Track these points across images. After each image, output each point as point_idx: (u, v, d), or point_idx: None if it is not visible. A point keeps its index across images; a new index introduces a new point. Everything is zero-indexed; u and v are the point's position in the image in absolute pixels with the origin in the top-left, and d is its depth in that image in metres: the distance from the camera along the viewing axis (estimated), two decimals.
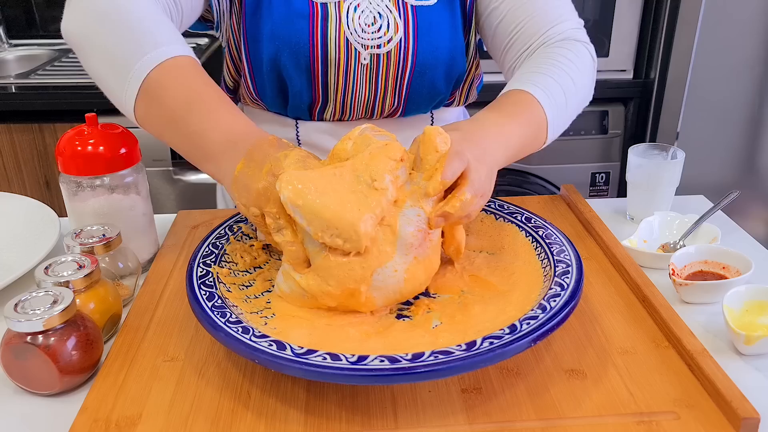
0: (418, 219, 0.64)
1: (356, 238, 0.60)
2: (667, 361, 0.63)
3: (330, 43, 0.88)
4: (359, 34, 0.88)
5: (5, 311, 0.60)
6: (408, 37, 0.89)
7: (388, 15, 0.88)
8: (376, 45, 0.89)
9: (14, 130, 1.73)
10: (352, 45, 0.88)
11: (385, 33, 0.88)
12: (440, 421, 0.57)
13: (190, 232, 0.90)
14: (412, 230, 0.63)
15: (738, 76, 1.73)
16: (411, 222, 0.63)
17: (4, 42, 2.10)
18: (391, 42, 0.88)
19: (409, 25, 0.89)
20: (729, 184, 1.77)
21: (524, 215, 0.78)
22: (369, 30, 0.88)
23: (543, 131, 0.79)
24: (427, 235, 0.64)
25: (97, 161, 0.76)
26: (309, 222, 0.61)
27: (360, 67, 0.90)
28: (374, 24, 0.88)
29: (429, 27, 0.90)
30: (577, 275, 0.65)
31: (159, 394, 0.60)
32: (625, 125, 1.87)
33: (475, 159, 0.66)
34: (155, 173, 1.79)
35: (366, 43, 0.88)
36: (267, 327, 0.63)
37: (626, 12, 1.76)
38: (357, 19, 0.88)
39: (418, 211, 0.64)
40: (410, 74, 0.91)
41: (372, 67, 0.90)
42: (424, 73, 0.91)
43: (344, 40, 0.88)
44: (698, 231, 0.87)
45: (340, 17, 0.87)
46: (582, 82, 0.84)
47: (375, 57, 0.89)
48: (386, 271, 0.63)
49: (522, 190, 1.86)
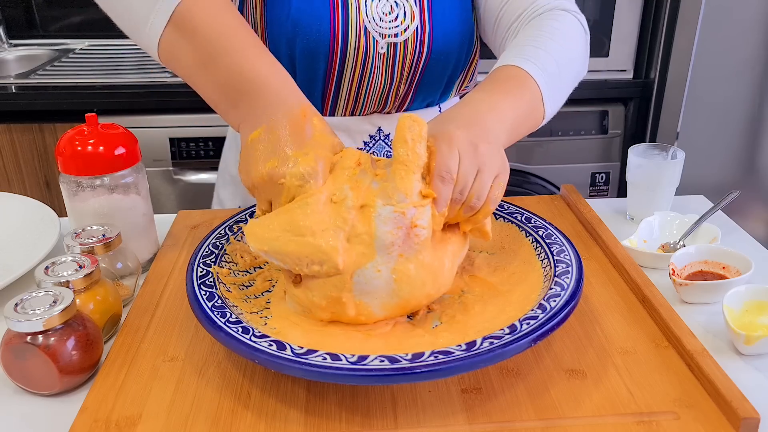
0: (394, 216, 0.60)
1: (328, 259, 0.60)
2: (667, 361, 0.63)
3: (351, 32, 0.87)
4: (377, 22, 0.88)
5: (5, 311, 0.60)
6: (424, 25, 0.89)
7: (404, 3, 0.89)
8: (393, 34, 0.89)
9: (14, 130, 1.73)
10: (371, 34, 0.88)
11: (402, 22, 0.89)
12: (440, 421, 0.57)
13: (190, 232, 0.90)
14: (389, 229, 0.60)
15: (738, 76, 1.73)
16: (387, 221, 0.60)
17: (4, 42, 2.10)
18: (407, 31, 0.89)
19: (425, 13, 0.89)
20: (729, 184, 1.77)
21: (524, 215, 0.78)
22: (387, 19, 0.88)
23: (539, 106, 0.76)
24: (410, 231, 0.61)
25: (97, 161, 0.76)
26: (283, 261, 0.62)
27: (377, 56, 0.89)
28: (392, 13, 0.88)
29: (443, 13, 0.90)
30: (577, 275, 0.65)
31: (159, 394, 0.60)
32: (625, 125, 1.87)
33: (468, 142, 0.63)
34: (155, 173, 1.79)
35: (384, 32, 0.88)
36: (267, 327, 0.63)
37: (626, 12, 1.76)
38: (375, 8, 0.88)
39: (393, 208, 0.60)
40: (425, 62, 0.91)
41: (389, 56, 0.90)
42: (438, 60, 0.91)
43: (363, 28, 0.88)
44: (698, 231, 0.87)
45: (359, 6, 0.87)
46: (574, 52, 0.82)
47: (392, 46, 0.89)
48: (367, 272, 0.61)
49: (522, 190, 1.86)
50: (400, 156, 0.61)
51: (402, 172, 0.61)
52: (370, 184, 0.62)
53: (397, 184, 0.60)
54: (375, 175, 0.63)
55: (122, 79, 1.76)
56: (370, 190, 0.61)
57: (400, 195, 0.60)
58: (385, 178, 0.62)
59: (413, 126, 0.61)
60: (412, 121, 0.61)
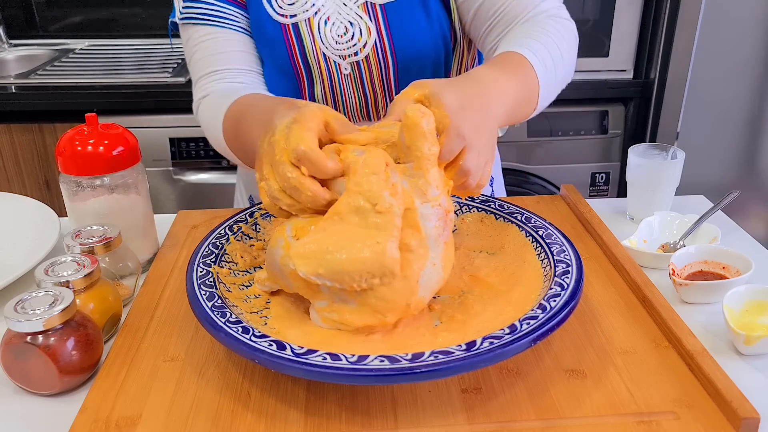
0: (434, 210, 0.61)
1: (390, 272, 0.59)
2: (667, 361, 0.63)
3: (310, 61, 0.90)
4: (334, 46, 0.89)
5: (5, 311, 0.60)
6: (382, 38, 0.89)
7: (358, 21, 0.89)
8: (353, 53, 0.89)
9: (14, 130, 1.73)
10: (330, 58, 0.90)
11: (358, 39, 0.89)
12: (440, 421, 0.57)
13: (190, 232, 0.90)
14: (434, 224, 0.62)
15: (738, 76, 1.73)
16: (430, 217, 0.61)
17: (4, 42, 2.10)
18: (366, 46, 0.89)
19: (381, 26, 0.89)
20: (729, 184, 1.77)
21: (524, 215, 0.78)
22: (342, 41, 0.89)
23: (535, 94, 0.77)
24: (446, 216, 0.62)
25: (97, 161, 0.76)
26: (339, 281, 0.59)
27: (343, 77, 0.91)
28: (346, 33, 0.89)
29: (401, 22, 0.89)
30: (577, 275, 0.65)
31: (159, 394, 0.60)
32: (625, 125, 1.87)
33: (474, 129, 0.63)
34: (155, 173, 1.79)
35: (343, 54, 0.90)
36: (267, 327, 0.63)
37: (626, 12, 1.76)
38: (329, 33, 0.89)
39: (431, 204, 0.61)
40: (395, 73, 0.91)
41: (355, 75, 0.91)
42: (409, 68, 0.91)
43: (321, 54, 0.89)
44: (698, 231, 0.87)
45: (312, 33, 0.89)
46: (568, 53, 0.84)
47: (356, 65, 0.90)
48: (427, 270, 0.62)
49: (522, 190, 1.86)
50: (422, 152, 0.60)
51: (428, 166, 0.61)
52: (401, 183, 0.61)
53: (427, 179, 0.61)
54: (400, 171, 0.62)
55: (122, 79, 1.76)
56: (405, 191, 0.61)
57: (432, 189, 0.61)
58: (409, 173, 0.61)
59: (427, 118, 0.60)
60: (422, 113, 0.60)
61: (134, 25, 2.16)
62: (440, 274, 0.63)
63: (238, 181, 1.14)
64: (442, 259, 0.63)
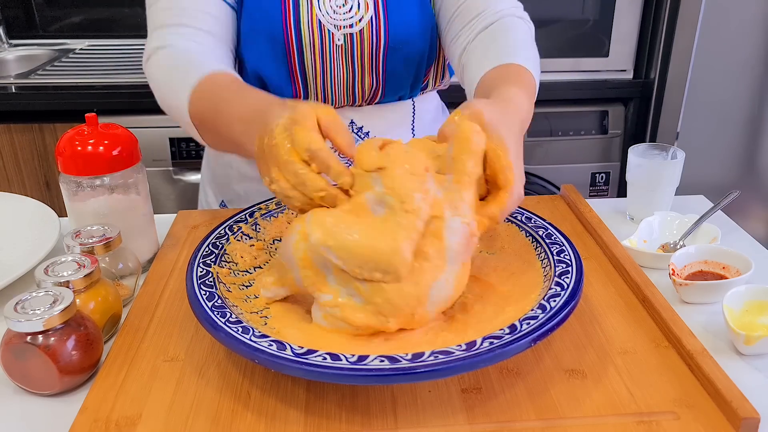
0: (461, 227, 0.61)
1: (395, 270, 0.58)
2: (667, 361, 0.63)
3: (303, 27, 0.90)
4: (331, 15, 0.90)
5: (5, 311, 0.60)
6: (378, 15, 0.91)
7: None
8: (348, 25, 0.91)
9: (14, 130, 1.73)
10: (325, 27, 0.90)
11: (356, 13, 0.90)
12: (440, 421, 0.57)
13: (190, 232, 0.90)
14: (458, 240, 0.61)
15: (738, 76, 1.73)
16: (456, 232, 0.60)
17: (4, 42, 2.10)
18: (362, 21, 0.90)
19: (379, 3, 0.91)
20: (729, 184, 1.77)
21: (524, 215, 0.78)
22: (340, 11, 0.90)
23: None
24: (471, 239, 0.62)
25: (97, 161, 0.76)
26: (344, 261, 0.59)
27: (335, 48, 0.91)
28: (345, 5, 0.90)
29: (398, 4, 0.91)
30: (577, 275, 0.65)
31: (159, 394, 0.60)
32: (625, 125, 1.87)
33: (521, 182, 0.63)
34: (155, 173, 1.79)
35: (339, 24, 0.90)
36: (267, 327, 0.63)
37: (626, 12, 1.76)
38: (328, 2, 0.90)
39: (461, 220, 0.61)
40: (384, 51, 0.92)
41: (347, 47, 0.92)
42: (398, 48, 0.93)
43: (317, 22, 0.90)
44: (698, 231, 0.87)
45: (311, 1, 0.89)
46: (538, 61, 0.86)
47: (349, 37, 0.91)
48: (440, 284, 0.61)
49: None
50: (466, 167, 0.61)
51: (467, 182, 0.61)
52: (435, 191, 0.61)
53: (463, 195, 0.61)
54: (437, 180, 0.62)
55: (122, 79, 1.76)
56: (436, 200, 0.61)
57: (465, 206, 0.61)
58: (446, 185, 0.61)
59: (480, 139, 0.61)
60: (477, 134, 0.61)
61: (134, 25, 2.16)
62: (450, 292, 0.62)
63: (204, 185, 1.12)
64: (456, 278, 0.62)
